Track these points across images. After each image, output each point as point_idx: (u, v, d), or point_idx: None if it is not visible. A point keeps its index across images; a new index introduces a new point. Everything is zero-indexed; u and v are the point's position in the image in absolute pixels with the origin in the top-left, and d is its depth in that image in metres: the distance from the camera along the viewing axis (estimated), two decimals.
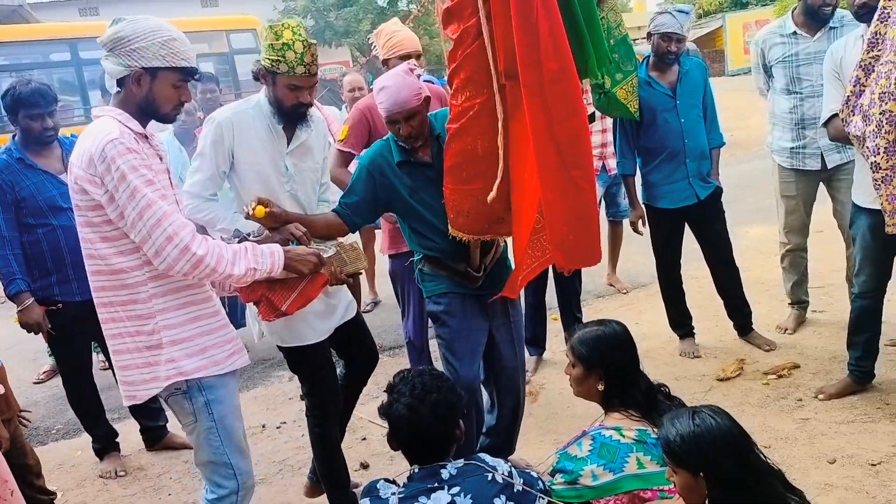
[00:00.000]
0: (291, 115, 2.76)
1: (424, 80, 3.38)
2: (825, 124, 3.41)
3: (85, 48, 11.17)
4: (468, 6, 2.52)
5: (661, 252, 4.38)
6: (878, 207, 3.08)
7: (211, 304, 2.35)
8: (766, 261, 5.80)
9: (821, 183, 4.23)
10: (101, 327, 3.65)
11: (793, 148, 4.17)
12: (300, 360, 2.93)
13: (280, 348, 2.94)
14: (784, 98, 4.17)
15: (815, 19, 3.99)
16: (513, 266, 2.95)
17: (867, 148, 2.92)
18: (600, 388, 2.35)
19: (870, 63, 2.92)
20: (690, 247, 4.43)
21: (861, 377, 3.61)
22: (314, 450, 3.08)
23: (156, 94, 2.20)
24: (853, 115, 3.02)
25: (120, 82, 2.20)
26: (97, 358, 4.66)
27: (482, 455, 2.13)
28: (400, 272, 3.94)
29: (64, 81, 11.37)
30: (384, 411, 2.12)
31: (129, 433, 4.05)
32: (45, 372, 5.20)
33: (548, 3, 2.37)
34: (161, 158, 2.31)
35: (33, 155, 3.45)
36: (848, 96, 3.01)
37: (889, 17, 2.80)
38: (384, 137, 2.94)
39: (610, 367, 2.33)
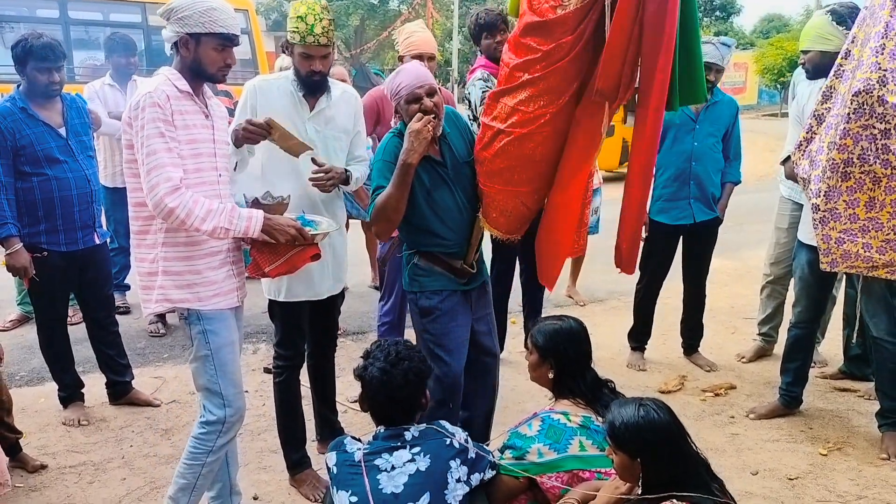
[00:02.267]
0: (307, 83, 3.03)
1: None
2: (782, 163, 3.71)
3: (74, 8, 11.09)
4: (566, 27, 2.73)
5: (646, 262, 4.53)
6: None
7: (203, 248, 2.58)
8: (716, 290, 6.11)
9: None
10: (80, 279, 3.82)
11: None
12: (276, 311, 3.23)
13: None
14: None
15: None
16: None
17: (811, 190, 3.21)
18: (551, 375, 2.58)
19: (822, 113, 3.21)
20: None
21: (789, 402, 3.92)
22: (275, 401, 3.33)
23: (201, 57, 2.50)
24: (803, 158, 3.30)
25: (175, 47, 2.51)
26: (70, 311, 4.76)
27: (442, 422, 2.34)
28: (389, 256, 4.12)
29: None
30: (359, 373, 2.31)
31: (92, 386, 4.15)
32: (10, 320, 5.26)
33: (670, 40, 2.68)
34: (206, 116, 2.59)
35: (36, 106, 3.56)
36: (801, 141, 3.30)
37: (843, 73, 3.09)
38: (392, 131, 3.00)
39: (561, 358, 2.56)
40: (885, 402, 3.58)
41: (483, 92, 4.01)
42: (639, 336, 4.75)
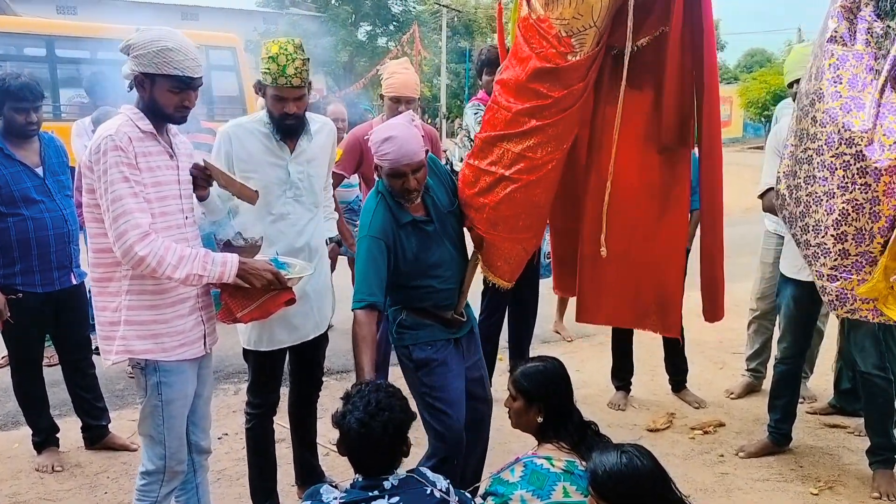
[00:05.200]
0: (281, 126, 2.90)
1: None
2: (761, 196, 3.69)
3: (62, 46, 11.13)
4: (579, 73, 2.75)
5: None
6: (802, 278, 3.35)
7: (171, 295, 2.50)
8: (704, 324, 6.00)
9: None
10: (56, 320, 3.74)
11: None
12: (250, 355, 3.14)
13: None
14: None
15: None
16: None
17: (798, 226, 3.18)
18: (539, 420, 2.50)
19: (794, 153, 3.20)
20: None
21: (779, 439, 3.86)
22: (246, 448, 3.25)
23: (156, 97, 2.42)
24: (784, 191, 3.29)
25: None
26: (45, 353, 4.66)
27: (423, 469, 2.26)
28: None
29: (36, 77, 11.26)
30: (337, 420, 2.21)
31: (68, 430, 4.04)
32: (3, 357, 5.12)
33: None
34: (171, 156, 2.51)
35: (13, 146, 3.52)
36: (779, 176, 3.29)
37: (805, 109, 3.10)
38: (376, 196, 2.84)
39: (550, 401, 2.50)
40: (876, 439, 3.53)
41: (476, 114, 4.06)
42: (620, 374, 4.68)
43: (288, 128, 2.93)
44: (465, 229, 3.04)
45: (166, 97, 2.41)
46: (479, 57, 4.34)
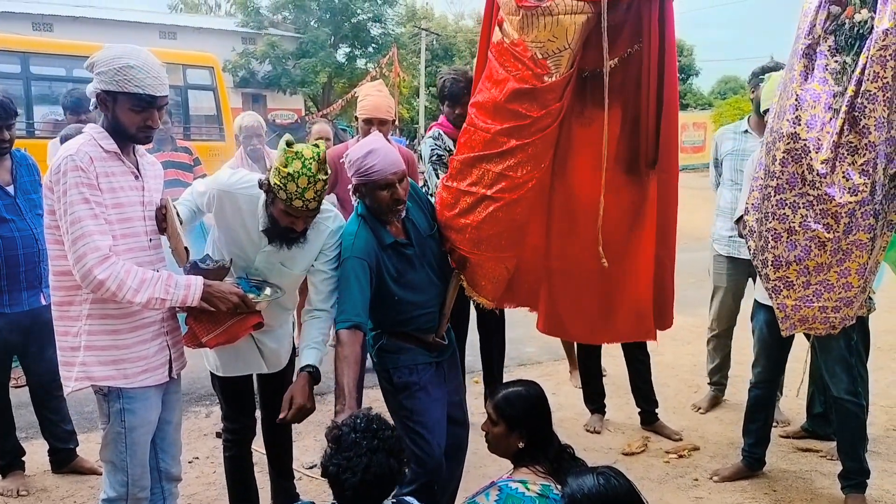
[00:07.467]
0: (281, 235, 2.65)
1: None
2: (737, 221, 3.73)
3: (36, 63, 11.05)
4: (556, 94, 2.79)
5: None
6: None
7: (133, 320, 2.45)
8: (678, 347, 6.13)
9: (751, 278, 4.52)
10: (24, 341, 3.67)
11: (731, 236, 4.50)
12: (215, 383, 3.09)
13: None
14: (728, 190, 4.58)
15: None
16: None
17: (759, 260, 3.25)
18: (521, 445, 2.48)
19: (760, 184, 3.27)
20: None
21: (752, 463, 3.87)
22: (225, 475, 3.20)
23: (118, 116, 2.37)
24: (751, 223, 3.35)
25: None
26: (12, 374, 4.56)
27: (409, 499, 2.22)
28: None
29: (9, 94, 11.14)
30: (331, 476, 2.03)
31: (34, 454, 3.97)
32: None
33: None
34: (136, 177, 2.47)
35: None
36: (748, 207, 3.35)
37: (767, 146, 3.17)
38: (356, 219, 2.79)
39: (532, 427, 2.48)
40: (848, 463, 3.55)
41: (431, 149, 3.97)
42: (592, 396, 4.67)
43: (288, 240, 2.67)
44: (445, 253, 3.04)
45: (128, 116, 2.37)
46: (441, 86, 4.05)
